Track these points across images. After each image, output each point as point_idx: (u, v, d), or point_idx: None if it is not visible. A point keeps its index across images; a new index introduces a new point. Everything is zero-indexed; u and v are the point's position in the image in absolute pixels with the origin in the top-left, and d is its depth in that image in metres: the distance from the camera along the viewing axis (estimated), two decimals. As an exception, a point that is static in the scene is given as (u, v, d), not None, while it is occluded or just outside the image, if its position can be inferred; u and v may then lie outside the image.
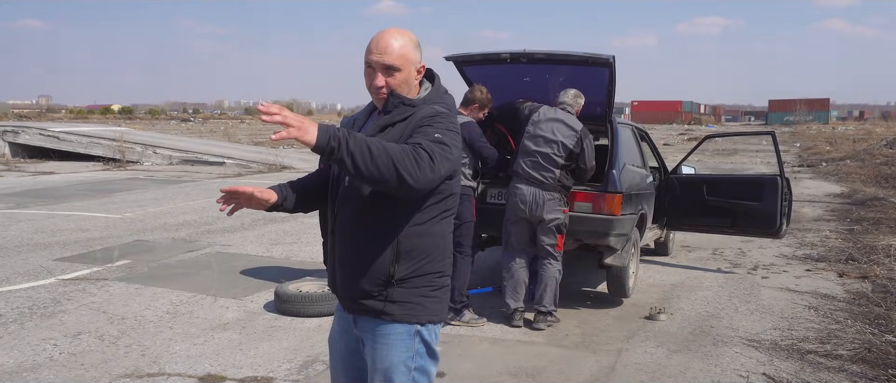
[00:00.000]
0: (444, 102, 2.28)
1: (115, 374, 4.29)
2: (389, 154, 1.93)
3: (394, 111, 2.22)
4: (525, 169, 5.34)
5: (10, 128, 21.94)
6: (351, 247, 2.22)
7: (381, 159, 1.92)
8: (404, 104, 2.22)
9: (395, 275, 2.17)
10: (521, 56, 5.62)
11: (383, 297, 2.20)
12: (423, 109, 2.21)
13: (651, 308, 5.75)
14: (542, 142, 5.32)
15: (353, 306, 2.29)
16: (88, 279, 6.49)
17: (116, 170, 18.17)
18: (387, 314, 2.20)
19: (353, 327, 2.34)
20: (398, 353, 2.20)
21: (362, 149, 1.90)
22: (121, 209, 11.00)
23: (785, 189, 6.91)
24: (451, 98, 2.36)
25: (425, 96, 2.28)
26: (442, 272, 2.26)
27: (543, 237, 5.35)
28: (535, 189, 5.29)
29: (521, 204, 5.31)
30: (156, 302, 5.82)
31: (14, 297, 5.84)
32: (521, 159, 5.39)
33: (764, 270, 7.44)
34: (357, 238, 2.20)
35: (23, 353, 4.59)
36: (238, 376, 4.31)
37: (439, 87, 2.35)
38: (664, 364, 4.64)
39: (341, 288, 2.29)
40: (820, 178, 17.68)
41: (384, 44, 2.19)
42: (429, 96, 2.28)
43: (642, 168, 6.60)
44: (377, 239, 2.17)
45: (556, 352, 4.83)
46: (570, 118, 5.42)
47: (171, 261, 7.40)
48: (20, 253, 7.57)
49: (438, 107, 2.22)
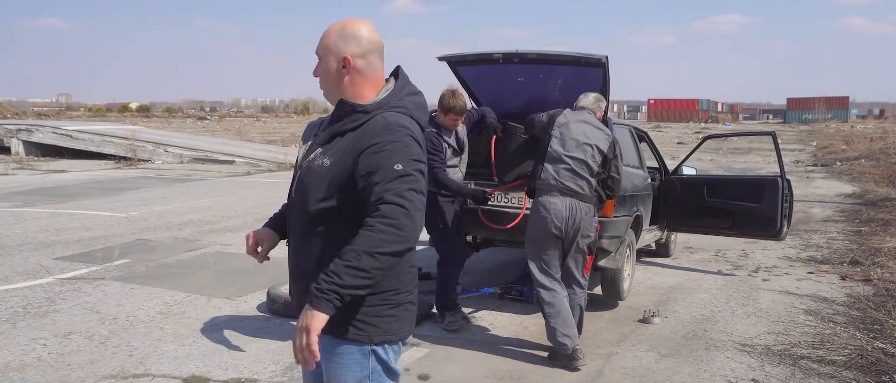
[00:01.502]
0: (402, 106, 2.13)
1: (101, 375, 4.30)
2: (375, 250, 1.89)
3: (344, 119, 2.13)
4: (558, 178, 4.62)
5: (23, 127, 22.18)
6: (300, 265, 2.17)
7: (375, 262, 1.89)
8: (356, 111, 2.11)
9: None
10: (513, 56, 5.57)
11: (333, 318, 2.03)
12: (374, 120, 2.07)
13: (645, 311, 5.69)
14: (574, 145, 4.68)
15: None
16: (85, 278, 6.53)
17: (127, 168, 18.31)
18: (337, 332, 2.08)
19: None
20: (353, 374, 2.10)
21: (356, 274, 1.89)
22: (126, 208, 11.07)
23: (786, 190, 6.82)
24: (415, 99, 2.19)
25: (380, 100, 2.13)
26: (397, 289, 2.12)
27: (574, 259, 4.72)
28: (573, 200, 4.59)
29: (556, 220, 4.57)
30: (149, 302, 5.84)
31: (9, 296, 5.88)
32: (551, 167, 4.67)
33: (765, 273, 7.35)
34: (304, 255, 2.15)
35: (11, 353, 4.61)
36: (222, 377, 4.31)
37: (401, 87, 2.18)
38: (652, 368, 4.58)
39: (296, 303, 2.21)
40: (833, 178, 17.47)
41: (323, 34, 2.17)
42: (385, 99, 2.13)
43: (639, 169, 6.53)
44: (322, 257, 2.06)
45: (544, 356, 4.78)
46: (597, 121, 4.92)
47: (170, 260, 7.43)
48: (21, 251, 7.63)
49: (391, 117, 2.07)
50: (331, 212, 2.07)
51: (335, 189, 2.05)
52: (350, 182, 2.03)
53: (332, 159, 2.08)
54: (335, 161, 2.07)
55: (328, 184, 2.06)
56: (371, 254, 1.88)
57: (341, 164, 2.05)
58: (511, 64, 5.67)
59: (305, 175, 2.14)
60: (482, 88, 6.23)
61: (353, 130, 2.08)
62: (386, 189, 1.94)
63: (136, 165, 18.91)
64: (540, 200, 4.65)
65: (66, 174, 16.61)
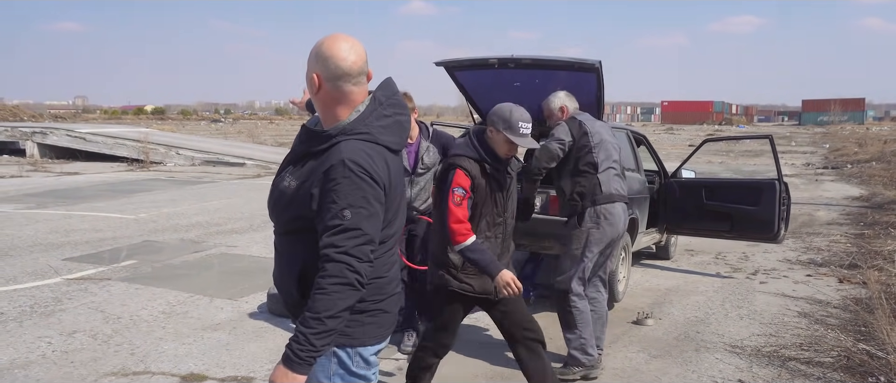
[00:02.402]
0: (367, 131, 2.10)
1: (102, 372, 4.43)
2: (334, 310, 1.99)
3: (308, 142, 2.16)
4: (617, 186, 4.58)
5: (38, 130, 22.52)
6: (278, 266, 2.28)
7: (337, 319, 2.00)
8: (319, 136, 2.12)
9: (304, 300, 2.09)
10: (508, 61, 5.67)
11: (299, 316, 2.14)
12: (333, 150, 2.06)
13: (639, 312, 5.76)
14: (613, 149, 4.65)
15: (292, 319, 2.30)
16: (92, 279, 6.68)
17: (139, 170, 18.55)
18: None
19: None
20: (317, 376, 2.16)
21: (325, 335, 2.00)
22: (136, 210, 11.25)
23: (783, 193, 6.85)
24: (385, 122, 2.14)
25: (345, 125, 2.10)
26: (361, 298, 2.12)
27: (610, 261, 4.75)
28: (624, 205, 4.62)
29: (620, 228, 4.56)
30: (153, 302, 5.98)
31: (18, 296, 6.04)
32: (610, 173, 4.55)
33: (763, 275, 7.39)
34: (280, 259, 2.25)
35: (17, 351, 4.76)
36: (219, 375, 4.43)
37: (373, 109, 2.14)
38: (641, 369, 4.66)
39: (282, 302, 2.36)
40: (842, 181, 17.41)
41: None
42: (349, 125, 2.10)
43: (636, 172, 6.60)
44: (288, 265, 2.18)
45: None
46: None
47: (175, 261, 7.58)
48: (32, 252, 7.80)
49: (348, 150, 2.04)
50: (298, 230, 2.13)
51: (299, 211, 2.10)
52: (308, 208, 2.07)
53: (297, 182, 2.11)
54: (299, 184, 2.10)
55: (294, 207, 2.11)
56: (331, 316, 1.99)
57: (303, 190, 2.09)
58: (506, 69, 5.76)
59: (274, 190, 2.19)
60: (479, 93, 6.32)
61: (316, 157, 2.10)
62: (331, 243, 2.00)
63: (148, 168, 19.15)
64: (600, 210, 4.48)
65: (79, 176, 16.86)
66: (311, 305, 2.00)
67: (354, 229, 2.01)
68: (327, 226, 2.01)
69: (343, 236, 2.00)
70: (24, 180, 15.71)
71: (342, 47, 2.10)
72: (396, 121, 2.18)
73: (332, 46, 2.10)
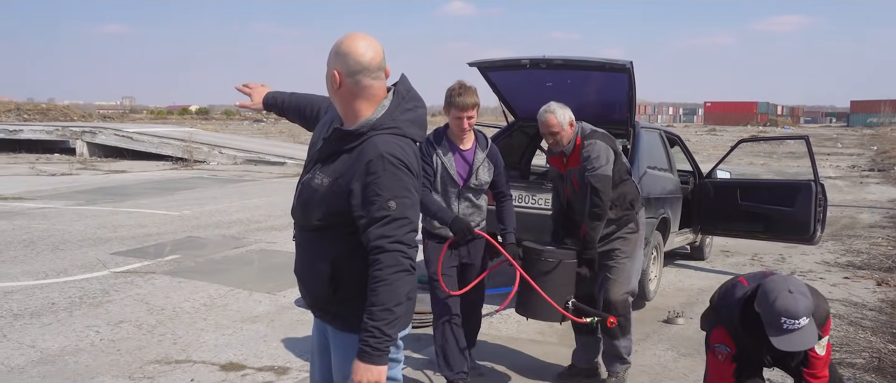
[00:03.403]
0: (395, 125, 2.19)
1: (147, 360, 4.64)
2: (400, 299, 2.11)
3: (340, 140, 2.23)
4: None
5: (88, 129, 23.25)
6: (302, 262, 2.36)
7: (404, 306, 2.14)
8: (351, 135, 2.20)
9: (337, 293, 2.25)
10: (540, 62, 5.76)
11: (332, 312, 2.30)
12: (368, 144, 2.15)
13: (670, 311, 5.78)
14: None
15: (311, 308, 2.44)
16: (138, 272, 6.94)
17: (184, 169, 19.01)
18: (341, 326, 2.29)
19: (323, 327, 2.44)
20: (351, 360, 2.20)
21: (396, 323, 2.12)
22: (180, 207, 11.58)
23: (819, 194, 6.80)
24: (411, 115, 2.24)
25: (375, 121, 2.19)
26: None
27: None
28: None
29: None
30: (195, 294, 6.20)
31: (68, 287, 6.32)
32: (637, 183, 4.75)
33: (799, 277, 7.32)
34: (306, 255, 2.33)
35: (68, 338, 5.00)
36: (257, 365, 4.60)
37: (397, 104, 2.23)
38: (669, 367, 4.70)
39: (300, 289, 2.45)
40: (889, 183, 17.04)
41: None
42: (379, 120, 2.19)
43: (668, 172, 6.62)
44: (317, 260, 2.26)
45: (566, 352, 4.92)
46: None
47: (217, 256, 7.82)
48: (81, 246, 8.12)
49: (383, 144, 2.14)
50: (328, 226, 2.22)
51: (333, 207, 2.19)
52: (346, 204, 2.16)
53: (329, 179, 2.20)
54: (332, 181, 2.19)
55: (326, 204, 2.20)
56: (398, 303, 2.11)
57: (338, 186, 2.18)
58: (538, 69, 5.85)
59: (305, 189, 2.28)
60: (512, 93, 6.42)
61: (349, 152, 2.19)
62: (382, 235, 2.10)
63: (192, 166, 19.61)
64: (644, 214, 4.54)
65: (126, 174, 17.37)
66: (374, 299, 2.09)
67: (402, 218, 2.12)
68: (374, 218, 2.11)
69: (392, 226, 2.10)
70: (74, 178, 16.23)
71: (360, 44, 2.19)
72: (418, 115, 2.28)
73: (350, 43, 2.19)
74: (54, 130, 23.77)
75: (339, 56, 2.20)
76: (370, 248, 2.12)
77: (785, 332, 2.79)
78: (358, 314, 2.20)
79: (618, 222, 4.27)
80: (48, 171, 17.39)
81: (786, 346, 2.81)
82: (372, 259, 2.11)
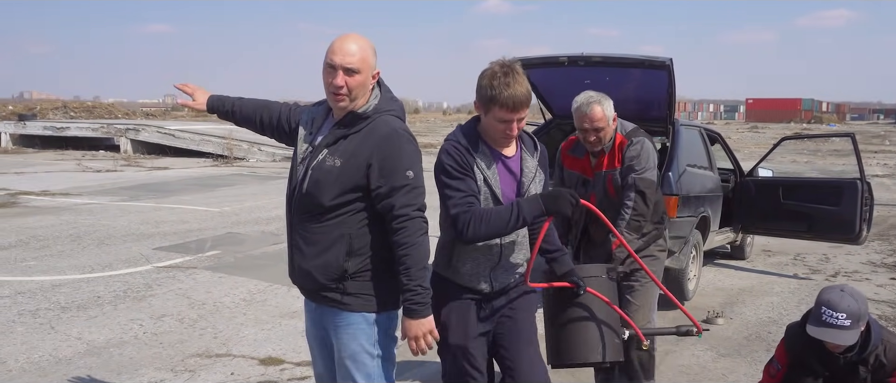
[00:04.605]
0: (392, 109, 2.45)
1: (188, 353, 4.73)
2: (427, 258, 2.36)
3: (352, 123, 2.41)
4: None
5: (131, 127, 23.78)
6: (308, 244, 2.43)
7: (428, 259, 2.37)
8: (361, 116, 2.40)
9: (349, 270, 2.38)
10: (578, 59, 5.71)
11: (340, 290, 2.40)
12: (377, 123, 2.38)
13: (709, 311, 5.70)
14: None
15: (313, 296, 2.52)
16: (179, 267, 7.08)
17: (224, 166, 19.32)
18: (345, 305, 2.41)
19: (320, 318, 2.55)
20: (360, 342, 2.41)
21: (426, 274, 2.36)
22: (220, 203, 11.78)
23: (866, 193, 6.64)
24: (398, 103, 2.51)
25: (376, 105, 2.42)
26: (389, 264, 2.39)
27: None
28: None
29: None
30: (235, 290, 6.30)
31: (113, 281, 6.47)
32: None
33: (844, 277, 7.17)
34: (314, 236, 2.42)
35: (112, 331, 5.12)
36: (295, 360, 4.66)
37: (387, 94, 2.48)
38: (708, 367, 4.64)
39: (299, 278, 2.52)
40: (938, 182, 16.55)
41: (347, 47, 2.35)
42: (379, 104, 2.42)
43: (708, 170, 6.52)
44: (332, 238, 2.38)
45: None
46: None
47: (256, 252, 7.93)
48: (125, 242, 8.31)
49: (393, 122, 2.40)
50: (345, 203, 2.37)
51: (348, 184, 2.35)
52: (362, 178, 2.34)
53: (342, 159, 2.36)
54: (345, 161, 2.36)
55: (341, 181, 2.36)
56: (427, 260, 2.37)
57: (352, 164, 2.35)
58: (576, 67, 5.80)
59: (317, 173, 2.39)
60: (550, 91, 6.38)
61: (357, 132, 2.39)
62: (405, 203, 2.32)
63: (232, 163, 19.91)
64: (666, 235, 4.14)
65: (168, 171, 17.70)
66: (408, 261, 2.30)
67: (419, 187, 2.36)
68: (395, 187, 2.31)
69: (413, 194, 2.34)
70: (118, 174, 16.61)
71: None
72: (401, 104, 2.54)
73: (369, 41, 2.44)
74: (99, 128, 24.36)
75: (375, 54, 2.44)
76: (394, 216, 2.32)
77: (822, 324, 2.83)
78: (368, 291, 2.40)
79: (648, 237, 3.77)
80: (93, 168, 17.82)
81: (818, 335, 2.84)
82: (398, 225, 2.31)
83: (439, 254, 2.75)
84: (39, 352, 4.66)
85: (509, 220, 2.47)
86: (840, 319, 2.80)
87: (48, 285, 6.28)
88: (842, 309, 2.81)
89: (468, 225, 2.47)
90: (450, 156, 2.56)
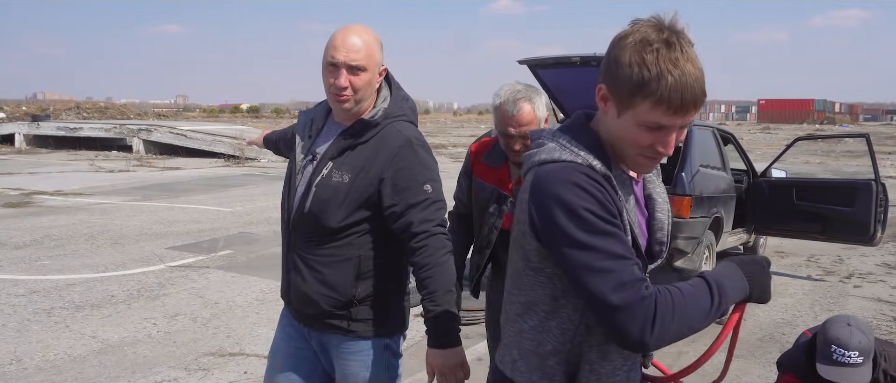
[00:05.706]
0: (403, 113, 2.16)
1: (201, 352, 4.75)
2: (452, 271, 2.08)
3: (361, 132, 2.11)
4: None
5: (144, 127, 23.92)
6: (310, 268, 2.15)
7: (454, 281, 2.10)
8: (369, 123, 2.11)
9: (357, 295, 2.13)
10: (591, 59, 5.69)
11: (347, 317, 2.15)
12: (388, 132, 2.09)
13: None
14: None
15: (311, 323, 2.23)
16: (192, 267, 7.12)
17: (235, 166, 19.39)
18: (353, 332, 2.16)
19: (303, 336, 2.28)
20: (374, 369, 2.18)
21: (453, 298, 2.07)
22: (232, 203, 11.83)
23: (880, 194, 6.59)
24: (410, 103, 2.22)
25: (386, 109, 2.13)
26: (399, 287, 2.22)
27: None
28: None
29: None
30: (248, 289, 6.33)
31: (126, 280, 6.52)
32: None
33: (859, 279, 7.12)
34: (318, 260, 2.14)
35: (126, 330, 5.16)
36: (308, 359, 4.67)
37: (398, 93, 2.18)
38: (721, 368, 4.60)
39: (298, 303, 2.21)
40: (953, 183, 16.40)
41: (351, 42, 2.04)
42: (389, 109, 2.13)
43: (721, 170, 6.50)
44: (339, 261, 2.12)
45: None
46: None
47: (267, 252, 7.95)
48: (138, 241, 8.36)
49: (405, 129, 2.12)
50: (355, 224, 2.10)
51: (359, 203, 2.08)
52: (373, 195, 2.08)
53: (350, 174, 2.07)
54: (354, 176, 2.07)
55: (352, 198, 2.08)
56: (453, 283, 2.10)
57: (362, 179, 2.07)
58: (589, 67, 5.78)
59: (323, 191, 2.09)
60: (563, 92, 6.36)
61: (365, 143, 2.09)
62: (424, 219, 2.06)
63: (244, 163, 19.98)
64: None
65: (180, 171, 17.80)
66: (432, 285, 2.04)
67: (438, 201, 2.11)
68: (412, 203, 2.05)
69: (432, 209, 2.08)
70: (131, 174, 16.71)
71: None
72: (413, 104, 2.25)
73: (376, 34, 2.16)
74: (112, 128, 24.52)
75: (382, 48, 2.15)
76: (413, 234, 2.05)
77: (833, 363, 2.63)
78: (373, 316, 2.16)
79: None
80: (106, 168, 17.94)
81: (830, 376, 2.63)
82: (418, 245, 2.05)
83: (530, 356, 1.54)
84: (54, 351, 4.70)
85: (710, 310, 1.43)
86: (852, 358, 2.60)
87: (62, 284, 6.33)
88: (853, 346, 2.60)
89: (652, 321, 1.34)
90: (588, 195, 1.38)
